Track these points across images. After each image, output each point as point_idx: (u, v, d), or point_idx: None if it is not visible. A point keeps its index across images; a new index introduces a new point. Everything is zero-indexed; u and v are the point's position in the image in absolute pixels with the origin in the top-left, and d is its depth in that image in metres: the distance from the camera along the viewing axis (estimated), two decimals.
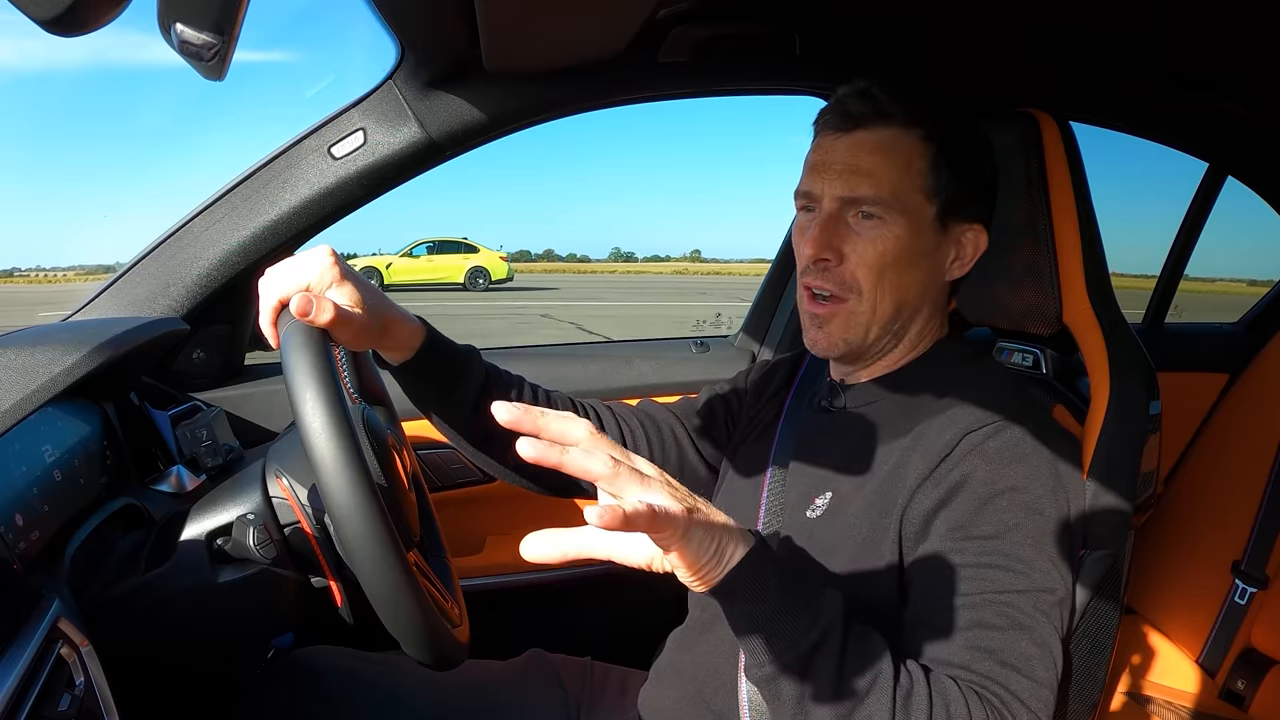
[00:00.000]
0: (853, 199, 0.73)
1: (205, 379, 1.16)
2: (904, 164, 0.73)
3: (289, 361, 0.58)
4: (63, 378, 0.72)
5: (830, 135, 0.75)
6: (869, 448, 0.75)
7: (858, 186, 0.73)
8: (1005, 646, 0.62)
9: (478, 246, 17.13)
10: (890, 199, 0.72)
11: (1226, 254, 9.91)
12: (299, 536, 0.78)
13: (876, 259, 0.73)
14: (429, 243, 17.06)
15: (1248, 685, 1.25)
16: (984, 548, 0.65)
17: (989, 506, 0.66)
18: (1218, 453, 1.45)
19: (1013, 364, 0.99)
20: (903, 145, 0.73)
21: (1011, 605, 0.63)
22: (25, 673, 0.56)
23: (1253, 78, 1.15)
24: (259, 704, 0.88)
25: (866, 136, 0.73)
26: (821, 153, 0.76)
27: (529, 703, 0.93)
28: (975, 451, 0.68)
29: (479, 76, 1.06)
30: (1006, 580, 0.64)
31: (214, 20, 0.34)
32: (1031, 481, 0.67)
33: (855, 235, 0.74)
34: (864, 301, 0.75)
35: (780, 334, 1.43)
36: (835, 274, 0.75)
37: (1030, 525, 0.66)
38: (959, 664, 0.61)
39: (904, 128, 0.73)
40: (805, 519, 0.76)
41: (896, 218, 0.73)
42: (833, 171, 0.74)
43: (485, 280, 16.62)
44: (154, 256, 1.07)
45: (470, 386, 0.82)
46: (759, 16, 1.11)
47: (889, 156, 0.73)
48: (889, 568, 0.69)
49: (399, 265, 16.38)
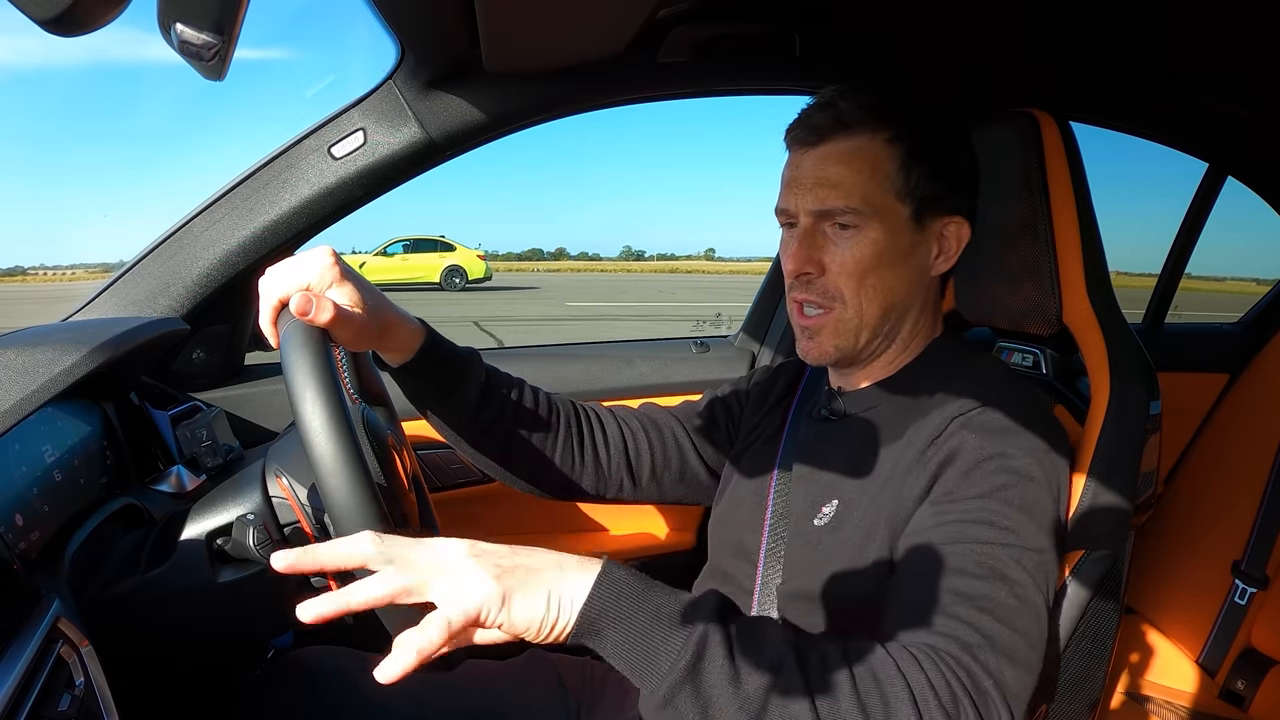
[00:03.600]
0: (825, 211, 0.74)
1: (205, 379, 1.16)
2: (870, 170, 0.73)
3: (289, 361, 0.58)
4: (63, 378, 0.72)
5: (799, 150, 0.76)
6: (870, 453, 0.75)
7: (827, 199, 0.73)
8: (980, 593, 0.59)
9: (454, 245, 16.81)
10: (861, 206, 0.73)
11: (1230, 253, 9.91)
12: (299, 536, 0.78)
13: (855, 266, 0.74)
14: (405, 241, 16.76)
15: (1248, 685, 1.25)
16: (968, 507, 0.64)
17: (976, 471, 0.66)
18: (1218, 453, 1.45)
19: (1013, 364, 0.99)
20: (868, 152, 0.73)
21: (991, 556, 0.61)
22: (25, 673, 0.56)
23: (1252, 78, 1.15)
24: (259, 704, 0.88)
25: (831, 148, 0.74)
26: (792, 169, 0.77)
27: (529, 703, 0.93)
28: (964, 427, 0.68)
29: (479, 76, 1.06)
30: (988, 534, 0.62)
31: (214, 20, 0.34)
32: (1021, 450, 0.67)
33: (833, 245, 0.75)
34: (849, 309, 0.75)
35: (780, 334, 1.43)
36: (819, 286, 0.76)
37: (1019, 488, 0.65)
38: (932, 612, 0.59)
39: (869, 134, 0.74)
40: (813, 527, 0.76)
41: (870, 223, 0.73)
42: (804, 186, 0.75)
43: (462, 280, 16.30)
44: (154, 256, 1.07)
45: (470, 388, 0.82)
46: (759, 16, 1.11)
47: (854, 165, 0.73)
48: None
49: (373, 264, 16.07)
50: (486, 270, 17.11)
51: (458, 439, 0.85)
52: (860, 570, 0.70)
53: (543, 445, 0.88)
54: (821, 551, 0.74)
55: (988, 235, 0.91)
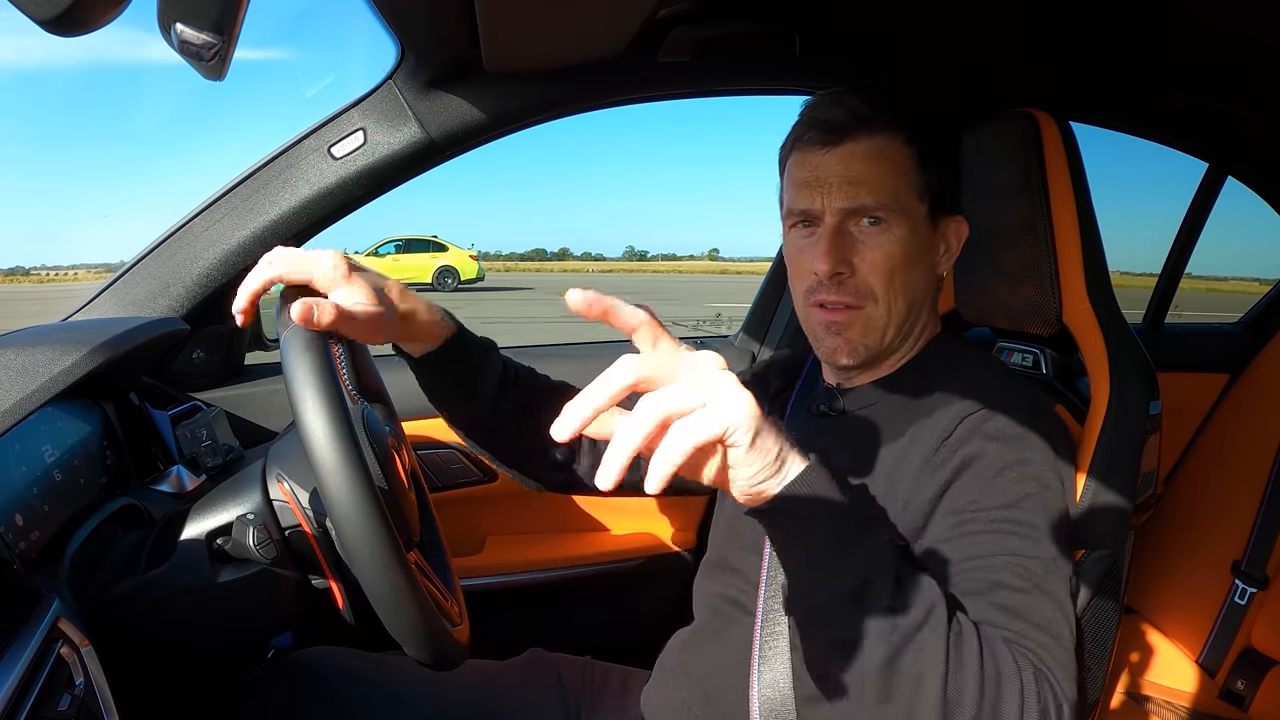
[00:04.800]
0: (856, 209, 0.74)
1: (205, 379, 1.16)
2: (895, 168, 0.73)
3: (290, 366, 0.58)
4: (63, 378, 0.72)
5: (817, 150, 0.75)
6: (871, 450, 0.75)
7: (859, 196, 0.73)
8: (1030, 608, 0.61)
9: (446, 245, 16.77)
10: (892, 203, 0.73)
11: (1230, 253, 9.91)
12: (300, 538, 0.78)
13: (886, 263, 0.74)
14: (397, 241, 16.74)
15: (1247, 685, 1.25)
16: (997, 516, 0.65)
17: (1000, 479, 0.66)
18: (1218, 453, 1.45)
19: (1013, 364, 0.99)
20: (890, 150, 0.74)
21: (1028, 569, 0.62)
22: (25, 673, 0.56)
23: (1253, 79, 1.15)
24: (259, 704, 0.88)
25: (855, 147, 0.74)
26: (810, 169, 0.75)
27: (529, 703, 0.93)
28: (977, 432, 0.69)
29: (479, 76, 1.06)
30: (1022, 546, 0.63)
31: (214, 20, 0.34)
32: (1036, 454, 0.68)
33: (861, 244, 0.74)
34: (880, 306, 0.75)
35: (780, 334, 1.43)
36: (850, 285, 0.75)
37: (1040, 496, 0.66)
38: (986, 623, 0.60)
39: (889, 133, 0.74)
40: None
41: (899, 220, 0.74)
42: (830, 185, 0.74)
43: (454, 280, 16.28)
44: (154, 256, 1.07)
45: (489, 379, 0.82)
46: (759, 16, 1.11)
47: (882, 163, 0.73)
48: (916, 555, 0.68)
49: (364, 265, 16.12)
50: (479, 271, 17.05)
51: (472, 430, 0.85)
52: None
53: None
54: None
55: (988, 235, 0.91)
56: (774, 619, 0.75)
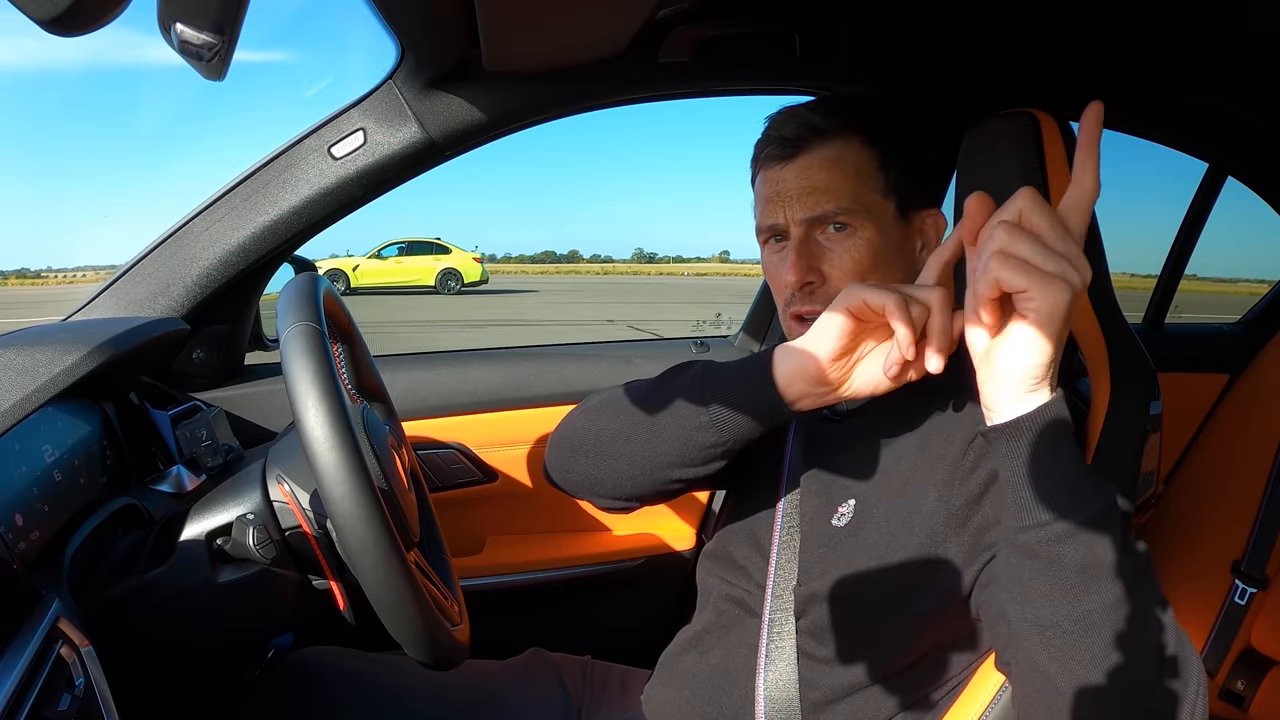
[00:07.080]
0: (818, 217, 0.75)
1: (205, 379, 1.16)
2: (854, 172, 0.74)
3: (290, 368, 0.58)
4: (63, 378, 0.72)
5: (775, 166, 0.77)
6: (881, 450, 0.75)
7: (819, 204, 0.74)
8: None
9: (450, 247, 16.79)
10: (854, 206, 0.74)
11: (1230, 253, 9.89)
12: (300, 538, 0.78)
13: (855, 267, 0.74)
14: (400, 243, 16.74)
15: (1247, 685, 1.25)
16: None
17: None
18: (1217, 453, 1.45)
19: None
20: (848, 155, 0.75)
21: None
22: (25, 673, 0.56)
23: (1253, 78, 1.15)
24: (259, 704, 0.88)
25: (811, 158, 0.75)
26: (772, 184, 0.77)
27: (529, 703, 0.93)
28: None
29: (479, 76, 1.05)
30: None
31: (214, 20, 0.34)
32: None
33: (829, 251, 0.75)
34: None
35: (780, 334, 1.43)
36: (822, 294, 0.76)
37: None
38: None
39: (843, 139, 0.75)
40: (830, 528, 0.76)
41: (865, 222, 0.74)
42: (790, 198, 0.75)
43: (457, 283, 16.29)
44: (154, 256, 1.07)
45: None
46: (759, 16, 1.11)
47: (840, 169, 0.74)
48: (933, 562, 0.68)
49: (366, 267, 16.03)
50: (483, 273, 17.06)
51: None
52: (887, 571, 0.70)
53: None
54: (841, 553, 0.73)
55: None
56: (780, 619, 0.75)
